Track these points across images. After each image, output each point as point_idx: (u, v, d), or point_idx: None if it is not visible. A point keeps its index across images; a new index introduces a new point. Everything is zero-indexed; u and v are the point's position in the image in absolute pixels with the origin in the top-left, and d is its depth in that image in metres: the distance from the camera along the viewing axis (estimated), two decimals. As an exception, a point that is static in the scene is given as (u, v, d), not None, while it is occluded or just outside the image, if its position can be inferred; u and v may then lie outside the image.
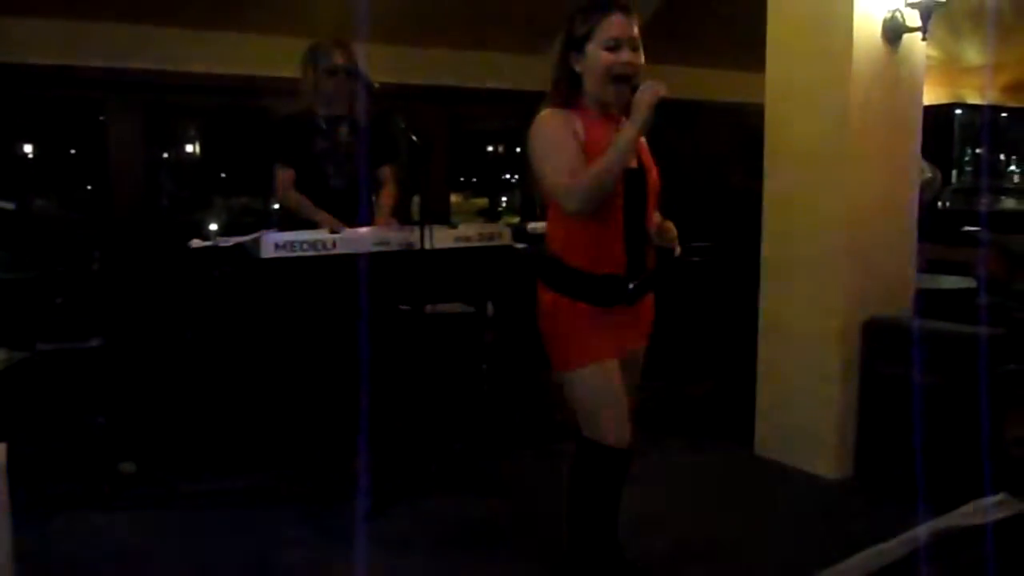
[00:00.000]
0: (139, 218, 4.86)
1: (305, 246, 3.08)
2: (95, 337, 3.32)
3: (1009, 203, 7.19)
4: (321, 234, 3.12)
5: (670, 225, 2.27)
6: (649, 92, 2.05)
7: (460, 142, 6.25)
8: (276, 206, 4.19)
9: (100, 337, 3.34)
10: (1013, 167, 7.77)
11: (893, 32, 3.35)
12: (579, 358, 2.18)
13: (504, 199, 6.85)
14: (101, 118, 4.84)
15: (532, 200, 2.33)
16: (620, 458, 2.23)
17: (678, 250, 2.27)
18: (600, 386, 2.18)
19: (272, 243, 3.03)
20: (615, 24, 2.13)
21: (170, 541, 2.92)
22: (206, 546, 2.88)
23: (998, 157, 7.62)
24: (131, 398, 3.55)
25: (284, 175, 3.46)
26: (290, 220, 3.40)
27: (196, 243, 3.34)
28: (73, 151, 5.34)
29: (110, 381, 3.42)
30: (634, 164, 2.19)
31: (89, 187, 5.24)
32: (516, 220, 5.66)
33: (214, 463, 3.44)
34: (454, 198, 6.27)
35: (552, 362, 2.26)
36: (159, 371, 3.63)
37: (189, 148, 5.60)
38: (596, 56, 2.14)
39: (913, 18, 3.33)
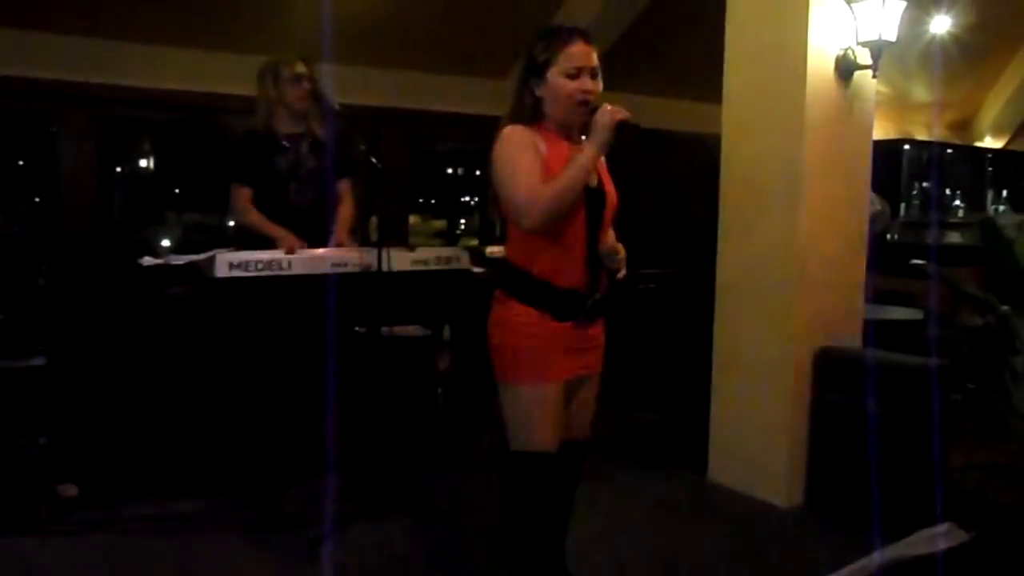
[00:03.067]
0: (89, 233, 4.75)
1: (260, 266, 3.03)
2: (38, 355, 3.21)
3: (954, 237, 7.39)
4: (277, 254, 3.08)
5: (620, 248, 2.30)
6: (609, 114, 2.11)
7: (420, 164, 6.25)
8: (231, 223, 4.13)
9: (43, 355, 3.23)
10: (958, 202, 8.02)
11: (845, 69, 3.44)
12: (526, 374, 2.19)
13: (463, 222, 6.86)
14: (52, 130, 4.73)
15: (491, 223, 2.33)
16: (548, 462, 2.21)
17: (623, 274, 2.28)
18: (539, 406, 2.19)
19: (226, 262, 2.98)
20: (576, 52, 2.18)
21: (109, 568, 2.82)
22: (148, 574, 2.79)
23: (944, 192, 7.86)
24: (74, 418, 3.44)
25: (241, 193, 3.40)
26: (247, 238, 3.35)
27: (147, 260, 3.27)
28: (21, 163, 5.21)
29: (53, 401, 3.32)
30: (594, 183, 2.23)
31: (37, 200, 5.11)
32: (475, 243, 5.66)
33: (159, 486, 3.35)
34: (413, 219, 6.26)
35: (497, 372, 2.25)
36: (105, 391, 3.53)
37: (143, 163, 5.51)
38: (557, 83, 2.18)
39: (864, 56, 3.43)
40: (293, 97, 3.37)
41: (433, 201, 6.84)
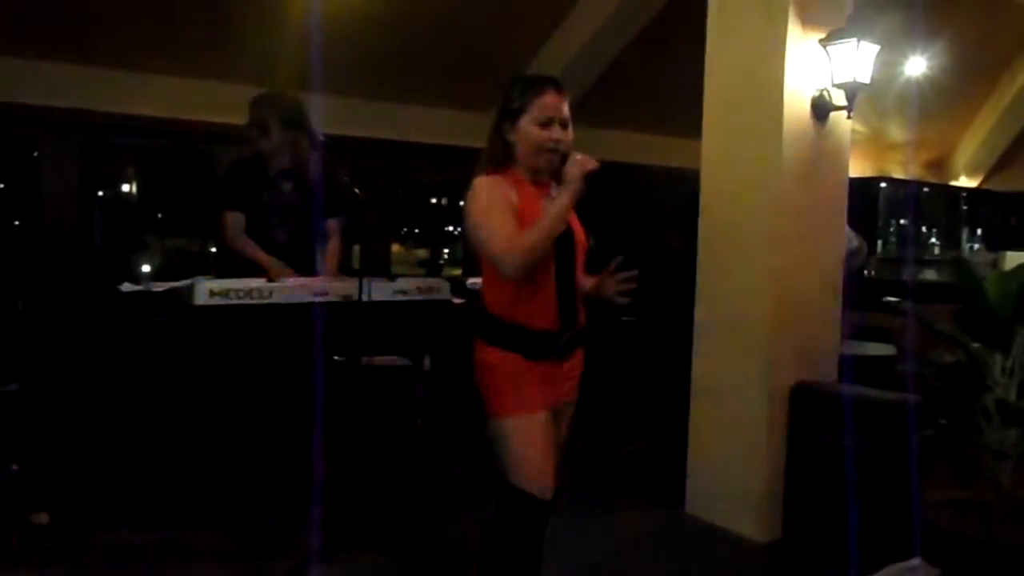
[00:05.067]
0: (70, 258, 4.74)
1: (241, 294, 3.03)
2: (12, 382, 3.18)
3: (930, 274, 7.52)
4: (257, 282, 3.09)
5: (611, 282, 2.36)
6: (579, 165, 2.18)
7: (404, 194, 6.29)
8: (214, 249, 4.13)
9: (17, 382, 3.20)
10: (934, 240, 8.15)
11: (821, 109, 3.52)
12: (512, 407, 2.24)
13: (446, 251, 6.89)
14: (35, 155, 4.73)
15: (475, 259, 2.38)
16: (542, 509, 2.26)
17: (622, 301, 2.35)
18: (530, 436, 2.23)
19: (207, 290, 2.98)
20: (548, 103, 2.26)
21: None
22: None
23: (920, 230, 8.00)
24: (48, 446, 3.40)
25: (234, 218, 3.44)
26: (233, 265, 3.36)
27: (127, 287, 3.26)
28: (2, 186, 5.20)
29: (27, 427, 3.28)
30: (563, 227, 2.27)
31: (17, 223, 5.09)
32: (458, 272, 5.69)
33: (134, 515, 3.30)
34: (396, 249, 6.28)
35: (487, 410, 2.30)
36: (80, 418, 3.50)
37: (125, 188, 5.51)
38: (528, 131, 2.26)
39: (839, 97, 3.51)
40: (293, 141, 3.41)
41: (416, 231, 6.88)
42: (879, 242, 7.45)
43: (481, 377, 2.31)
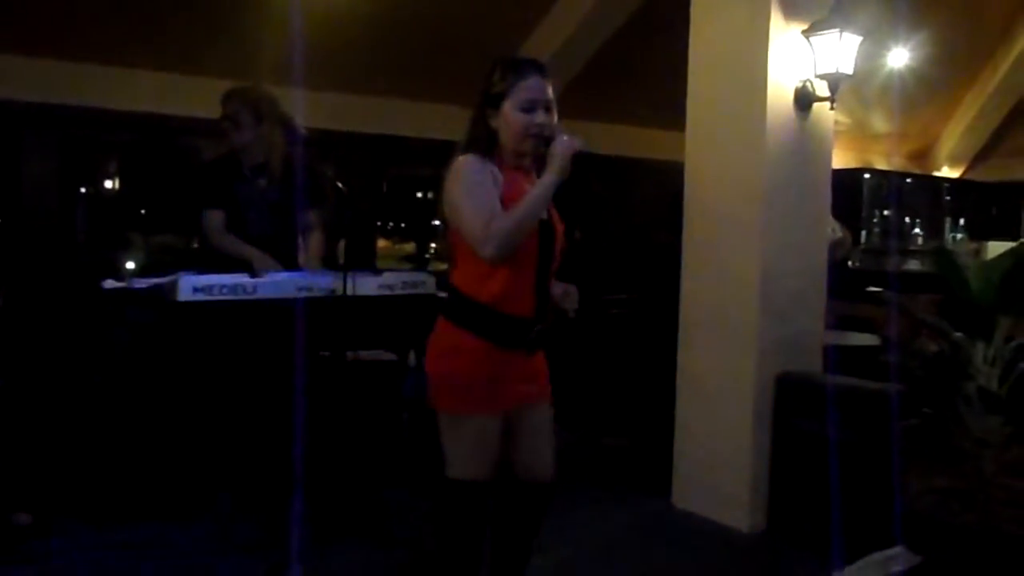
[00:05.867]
0: (51, 253, 4.70)
1: (225, 290, 3.01)
2: (-6, 380, 3.17)
3: (914, 264, 7.56)
4: (241, 278, 3.06)
5: (575, 290, 2.34)
6: (566, 144, 2.13)
7: (389, 188, 6.27)
8: (196, 246, 4.10)
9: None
10: (917, 230, 8.20)
11: (804, 100, 3.52)
12: (466, 406, 2.19)
13: (433, 245, 6.87)
14: (15, 150, 4.68)
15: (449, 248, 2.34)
16: (482, 491, 2.23)
17: (572, 314, 2.33)
18: (478, 436, 2.20)
19: (190, 286, 2.96)
20: (531, 86, 2.20)
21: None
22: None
23: (904, 220, 8.05)
24: (30, 444, 3.38)
25: (215, 215, 3.42)
26: (219, 260, 3.34)
27: (109, 283, 3.23)
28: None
29: (7, 425, 3.26)
30: (545, 216, 2.24)
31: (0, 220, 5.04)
32: (444, 267, 5.67)
33: (116, 513, 3.28)
34: (382, 243, 6.26)
35: (434, 400, 2.24)
36: (63, 415, 3.47)
37: (108, 184, 5.46)
38: (511, 116, 2.20)
39: (822, 88, 3.51)
40: (276, 139, 3.39)
41: (403, 225, 6.86)
42: (863, 232, 7.49)
43: (437, 363, 2.23)
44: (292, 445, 3.08)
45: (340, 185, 3.33)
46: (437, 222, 6.88)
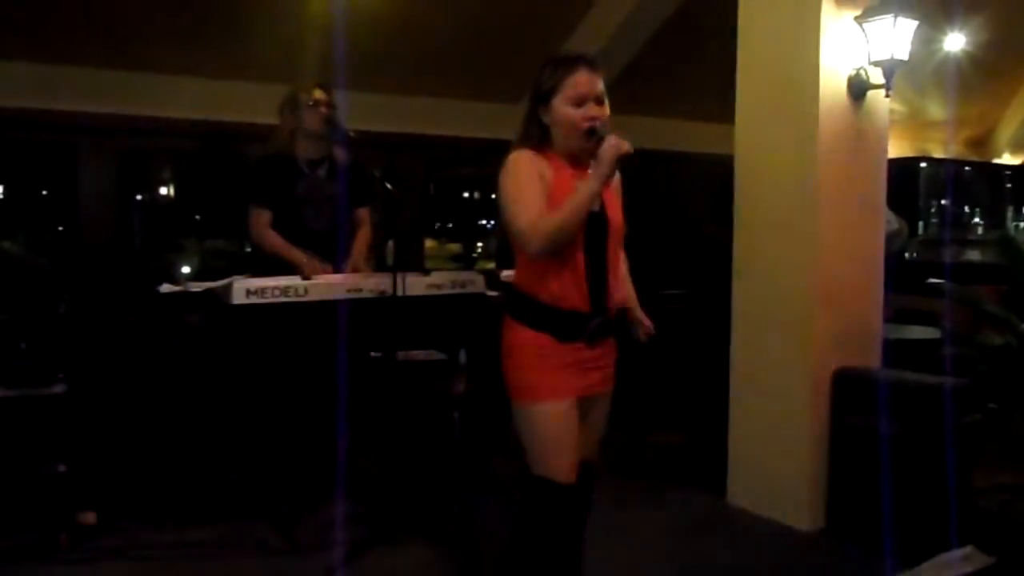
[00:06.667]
0: (109, 260, 4.82)
1: (277, 292, 3.05)
2: (58, 383, 3.25)
3: (973, 255, 7.34)
4: (293, 280, 3.11)
5: (648, 324, 2.47)
6: (613, 148, 2.12)
7: (436, 188, 6.30)
8: (248, 248, 4.16)
9: (63, 383, 3.27)
10: (977, 219, 7.96)
11: (858, 89, 3.44)
12: (537, 393, 2.21)
13: (480, 245, 6.89)
14: (74, 160, 4.82)
15: (507, 246, 2.36)
16: (569, 495, 2.23)
17: (643, 340, 2.46)
18: (554, 423, 2.20)
19: (243, 289, 3.01)
20: (581, 80, 2.21)
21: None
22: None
23: (962, 209, 7.81)
24: (94, 445, 3.47)
25: (260, 215, 3.46)
26: (266, 262, 3.39)
27: (166, 287, 3.30)
28: (44, 193, 5.30)
29: (72, 428, 3.35)
30: (596, 208, 2.23)
31: (60, 228, 5.19)
32: (491, 265, 5.68)
33: (178, 513, 3.36)
34: (429, 244, 6.30)
35: (509, 395, 2.27)
36: (124, 418, 3.56)
37: (163, 191, 5.59)
38: (562, 111, 2.21)
39: (877, 76, 3.42)
40: (310, 123, 3.43)
41: (450, 225, 6.89)
42: (920, 223, 7.29)
43: (507, 358, 2.27)
44: (340, 445, 3.11)
45: (389, 186, 3.35)
46: (483, 221, 6.91)
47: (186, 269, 5.36)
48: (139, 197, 5.37)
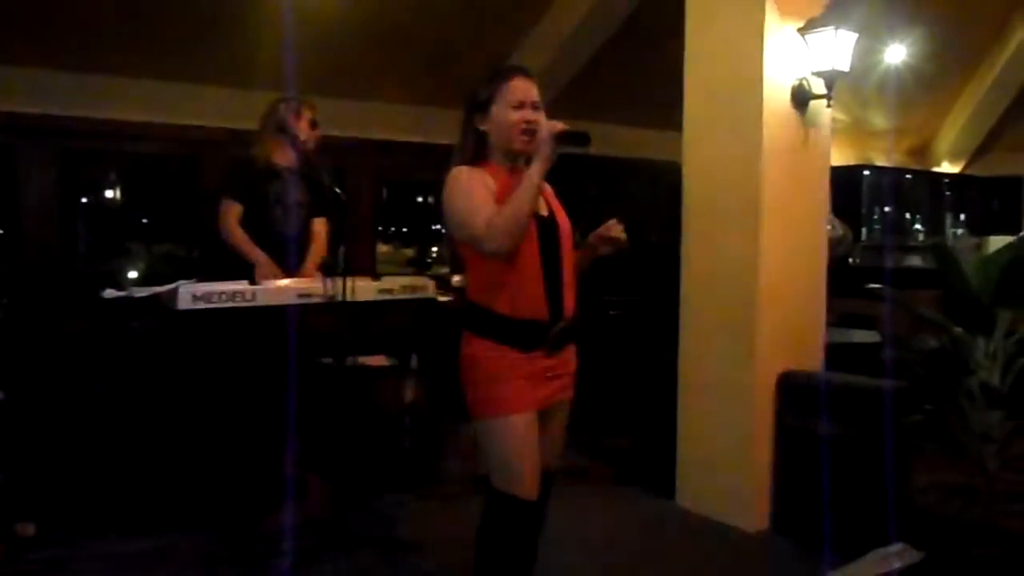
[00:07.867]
0: (52, 265, 4.70)
1: (224, 297, 3.01)
2: (-4, 391, 3.17)
3: (914, 260, 7.53)
4: (240, 285, 3.07)
5: (613, 222, 2.34)
6: (547, 127, 2.16)
7: (389, 193, 6.27)
8: (195, 253, 4.10)
9: (1, 391, 3.18)
10: (917, 225, 8.19)
11: (801, 98, 3.52)
12: (499, 407, 2.20)
13: (434, 250, 6.87)
14: (13, 162, 4.68)
15: (458, 259, 2.36)
16: (530, 511, 2.24)
17: (623, 237, 2.31)
18: (516, 437, 2.20)
19: (190, 294, 2.97)
20: (517, 86, 2.26)
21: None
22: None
23: (903, 216, 8.03)
24: (33, 454, 3.38)
25: (231, 208, 3.51)
26: (220, 268, 3.40)
27: (109, 293, 3.24)
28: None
29: (10, 437, 3.26)
30: (544, 212, 2.27)
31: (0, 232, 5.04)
32: (446, 270, 5.68)
33: (122, 523, 3.29)
34: (383, 248, 6.26)
35: (470, 410, 2.27)
36: (65, 425, 3.48)
37: (109, 194, 5.47)
38: (502, 114, 2.25)
39: (819, 86, 3.51)
40: (308, 137, 3.56)
41: (404, 230, 6.86)
42: (863, 229, 7.48)
43: (466, 373, 2.26)
44: (294, 451, 3.08)
45: (338, 191, 3.34)
46: (437, 226, 6.90)
47: (133, 274, 5.25)
48: (84, 200, 5.25)
